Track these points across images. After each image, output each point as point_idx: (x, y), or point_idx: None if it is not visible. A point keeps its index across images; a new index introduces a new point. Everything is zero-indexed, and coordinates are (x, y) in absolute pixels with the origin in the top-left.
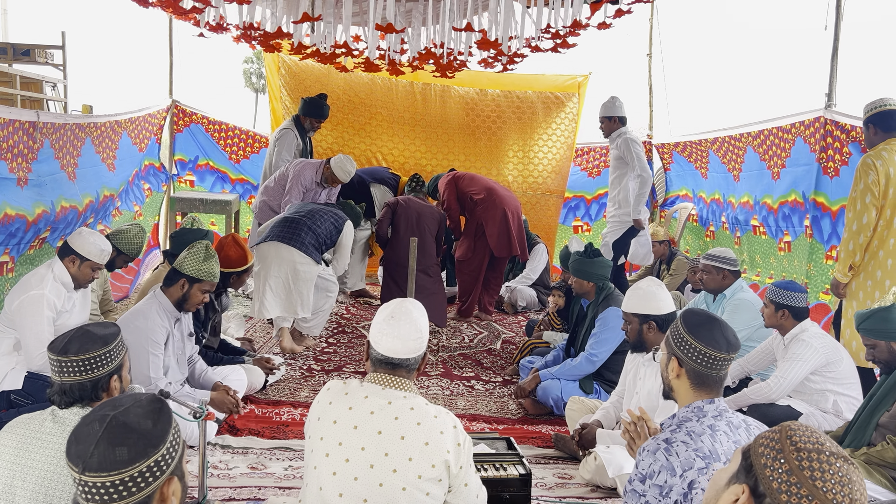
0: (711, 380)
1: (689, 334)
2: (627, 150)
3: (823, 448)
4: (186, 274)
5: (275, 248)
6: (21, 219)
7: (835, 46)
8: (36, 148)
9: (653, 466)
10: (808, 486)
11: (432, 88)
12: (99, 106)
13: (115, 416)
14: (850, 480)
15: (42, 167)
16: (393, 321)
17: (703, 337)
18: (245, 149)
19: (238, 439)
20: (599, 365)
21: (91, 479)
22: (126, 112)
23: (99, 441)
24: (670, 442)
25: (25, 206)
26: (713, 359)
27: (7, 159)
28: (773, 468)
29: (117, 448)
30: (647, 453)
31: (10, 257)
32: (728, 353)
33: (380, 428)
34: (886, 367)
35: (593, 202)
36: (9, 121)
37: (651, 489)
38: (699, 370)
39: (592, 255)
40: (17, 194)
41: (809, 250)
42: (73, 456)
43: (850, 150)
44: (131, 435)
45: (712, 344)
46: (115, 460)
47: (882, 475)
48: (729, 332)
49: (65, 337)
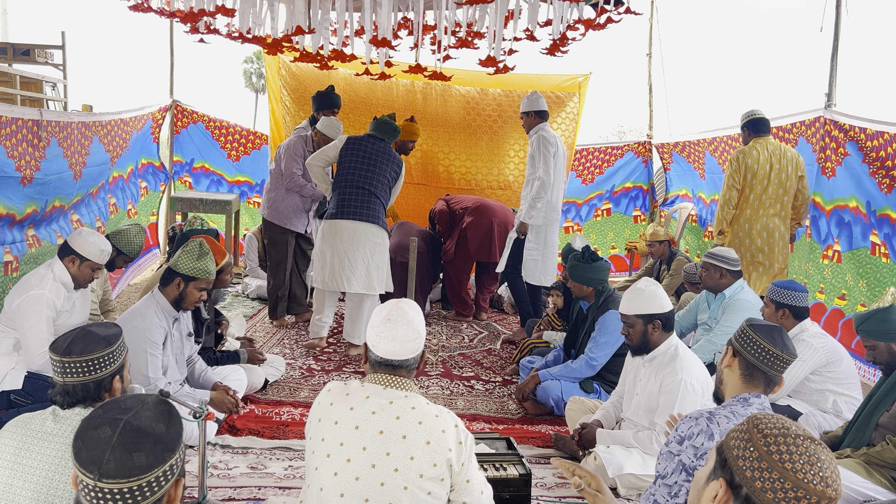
0: (761, 375)
1: (751, 330)
2: (537, 150)
3: (789, 431)
4: (182, 273)
5: (352, 226)
6: (9, 217)
7: (835, 46)
8: (43, 147)
9: (692, 429)
10: (778, 469)
11: (433, 88)
12: (99, 106)
13: (127, 421)
14: (819, 459)
15: (51, 165)
16: (390, 324)
17: (765, 335)
18: (246, 145)
19: (238, 439)
20: (599, 368)
21: (108, 486)
22: (129, 110)
23: (114, 447)
24: (714, 414)
25: (18, 205)
26: (770, 354)
27: (14, 157)
28: (744, 458)
29: (135, 454)
30: (689, 419)
31: (13, 257)
32: (782, 353)
33: (381, 428)
34: (887, 368)
35: (584, 205)
36: (11, 119)
37: (687, 449)
38: (752, 361)
39: (590, 259)
40: (16, 192)
41: (809, 250)
42: (85, 462)
43: (846, 150)
44: (147, 440)
45: (770, 340)
46: (133, 466)
47: (882, 475)
48: (788, 340)
49: (67, 338)
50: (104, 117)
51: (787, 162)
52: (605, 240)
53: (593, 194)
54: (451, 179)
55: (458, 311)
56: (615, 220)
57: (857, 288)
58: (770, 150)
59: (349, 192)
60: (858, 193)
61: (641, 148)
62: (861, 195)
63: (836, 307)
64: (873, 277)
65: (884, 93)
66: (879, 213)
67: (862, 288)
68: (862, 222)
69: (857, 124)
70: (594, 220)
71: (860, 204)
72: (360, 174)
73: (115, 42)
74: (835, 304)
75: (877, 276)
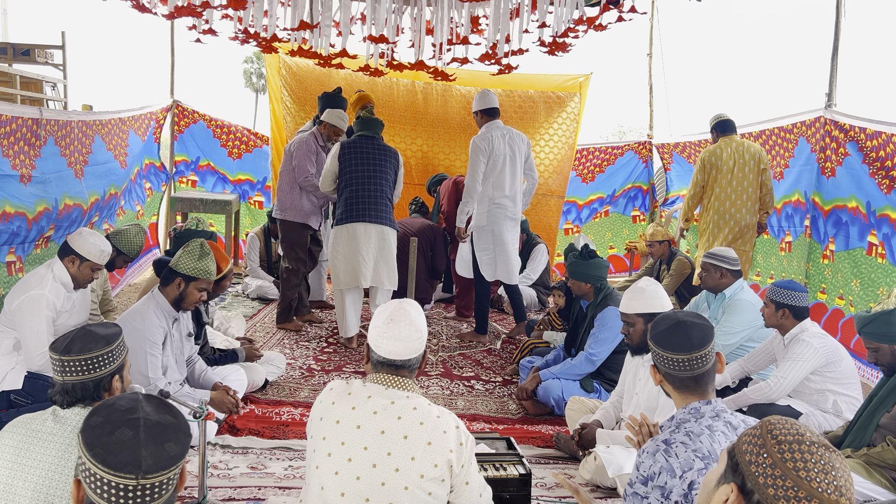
0: (690, 381)
1: (653, 342)
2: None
3: (804, 438)
4: (182, 273)
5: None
6: (21, 216)
7: (835, 46)
8: (39, 145)
9: (653, 468)
10: (792, 477)
11: (433, 88)
12: (99, 106)
13: (142, 418)
14: (834, 467)
15: (46, 164)
16: (392, 324)
17: (663, 342)
18: (248, 143)
19: (238, 439)
20: (599, 364)
21: (149, 482)
22: (129, 109)
23: (145, 444)
24: (669, 443)
25: (27, 203)
26: (677, 361)
27: (9, 156)
28: (757, 464)
29: (165, 445)
30: (647, 455)
31: (16, 257)
32: (690, 353)
33: (383, 428)
34: (888, 369)
35: (584, 207)
36: (11, 118)
37: (654, 491)
38: (672, 374)
39: (588, 256)
40: (20, 191)
41: (808, 250)
42: (120, 465)
43: (846, 150)
44: (168, 430)
45: (672, 348)
46: (169, 457)
47: (882, 475)
48: (694, 332)
49: (67, 337)
50: (104, 116)
51: (750, 157)
52: (603, 240)
53: (594, 196)
54: None
55: (460, 311)
56: (613, 220)
57: (848, 288)
58: (734, 148)
59: (356, 195)
60: (859, 194)
61: (642, 148)
62: (861, 195)
63: (837, 307)
64: (867, 277)
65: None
66: (879, 214)
67: (854, 288)
68: (860, 222)
69: (857, 124)
70: (592, 223)
71: (860, 204)
72: (363, 176)
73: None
74: (835, 304)
75: (871, 276)
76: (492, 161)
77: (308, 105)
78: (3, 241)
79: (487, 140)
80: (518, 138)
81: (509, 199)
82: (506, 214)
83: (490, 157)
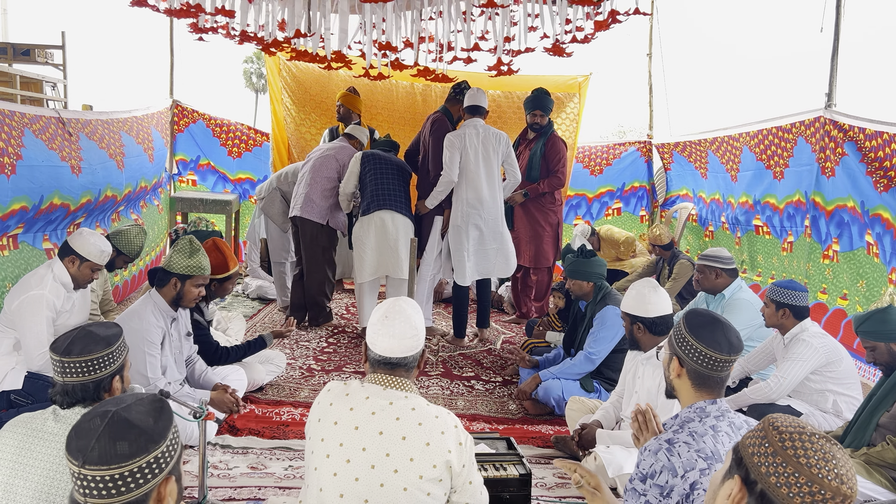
0: (713, 381)
1: (690, 335)
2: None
3: (805, 430)
4: (176, 272)
5: (390, 216)
6: (65, 208)
7: (835, 46)
8: (74, 139)
9: (654, 466)
10: (793, 463)
11: (433, 89)
12: (99, 106)
13: (116, 412)
14: (834, 456)
15: (91, 156)
16: (387, 321)
17: (705, 338)
18: (247, 142)
19: (238, 439)
20: (599, 363)
21: (90, 473)
22: (131, 109)
23: (100, 435)
24: (672, 442)
25: (75, 195)
26: (714, 360)
27: (54, 149)
28: (759, 454)
29: (118, 442)
30: (648, 453)
31: (52, 244)
32: (730, 355)
33: (381, 428)
34: (887, 368)
35: (594, 200)
36: (36, 116)
37: (652, 489)
38: (700, 371)
39: (587, 255)
40: (72, 182)
41: (808, 250)
42: (73, 450)
43: (844, 150)
44: (132, 430)
45: (713, 345)
46: (115, 454)
47: (882, 475)
48: (732, 334)
49: (67, 337)
50: (103, 115)
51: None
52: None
53: (604, 189)
54: None
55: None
56: (625, 219)
57: (855, 288)
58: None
59: (381, 187)
60: (854, 193)
61: (642, 147)
62: (857, 195)
63: (839, 307)
64: (871, 278)
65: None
66: (872, 213)
67: (861, 288)
68: (858, 222)
69: (856, 124)
70: (605, 219)
71: (856, 203)
72: (385, 174)
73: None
74: (837, 305)
75: (874, 275)
76: (463, 157)
77: (308, 107)
78: (38, 227)
79: (460, 136)
80: (494, 137)
81: (484, 202)
82: (479, 216)
83: (462, 153)
